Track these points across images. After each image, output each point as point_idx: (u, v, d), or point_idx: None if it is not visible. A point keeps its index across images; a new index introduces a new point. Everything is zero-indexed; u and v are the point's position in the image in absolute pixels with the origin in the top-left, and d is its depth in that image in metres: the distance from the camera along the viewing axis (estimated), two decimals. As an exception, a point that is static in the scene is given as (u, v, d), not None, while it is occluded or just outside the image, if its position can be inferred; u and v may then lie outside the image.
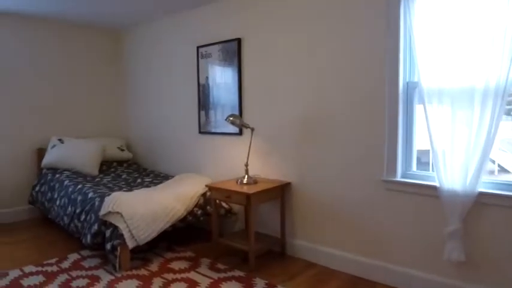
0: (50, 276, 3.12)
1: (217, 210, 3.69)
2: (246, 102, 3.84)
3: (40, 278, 3.09)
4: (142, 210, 3.30)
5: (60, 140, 4.57)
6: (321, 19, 3.19)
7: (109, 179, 4.28)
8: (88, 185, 3.91)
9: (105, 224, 3.25)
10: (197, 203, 3.71)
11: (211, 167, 4.27)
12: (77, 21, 4.83)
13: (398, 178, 2.87)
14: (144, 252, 3.62)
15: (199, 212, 3.72)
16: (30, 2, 4.02)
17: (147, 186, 4.03)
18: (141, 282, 3.01)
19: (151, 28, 4.86)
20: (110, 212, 3.21)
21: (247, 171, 3.56)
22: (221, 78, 4.04)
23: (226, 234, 3.73)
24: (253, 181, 3.49)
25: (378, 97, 2.91)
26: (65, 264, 3.36)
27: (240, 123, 3.57)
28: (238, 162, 3.95)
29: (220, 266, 3.34)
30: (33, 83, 4.65)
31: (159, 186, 3.94)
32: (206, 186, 3.58)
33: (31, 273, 3.18)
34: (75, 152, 4.43)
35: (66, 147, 4.48)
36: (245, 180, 3.49)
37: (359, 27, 2.98)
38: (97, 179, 4.25)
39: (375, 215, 3.00)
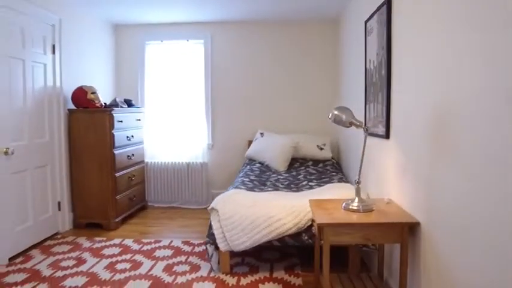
0: (175, 254, 3.43)
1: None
2: (395, 88, 2.60)
3: (168, 252, 3.48)
4: (243, 214, 2.98)
5: (261, 133, 4.78)
6: None
7: (282, 177, 4.07)
8: (248, 178, 3.92)
9: (214, 219, 3.20)
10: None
11: (365, 176, 3.25)
12: (290, 18, 4.86)
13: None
14: (265, 262, 3.25)
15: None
16: (255, 11, 4.51)
17: (299, 190, 3.55)
18: (210, 289, 2.79)
19: (351, 13, 4.14)
20: (212, 208, 3.13)
21: (358, 192, 2.45)
22: (378, 58, 2.92)
23: (346, 271, 2.73)
24: (363, 208, 2.36)
25: None
26: (198, 249, 3.57)
27: (346, 119, 2.47)
28: (383, 173, 2.78)
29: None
30: (249, 81, 5.12)
31: (294, 192, 3.39)
32: (310, 201, 2.75)
33: (170, 247, 3.60)
34: (268, 147, 4.50)
35: (263, 141, 4.64)
36: (354, 205, 2.42)
37: None
38: (273, 175, 4.15)
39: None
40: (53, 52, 3.82)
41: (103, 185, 4.05)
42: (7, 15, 3.21)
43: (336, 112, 2.52)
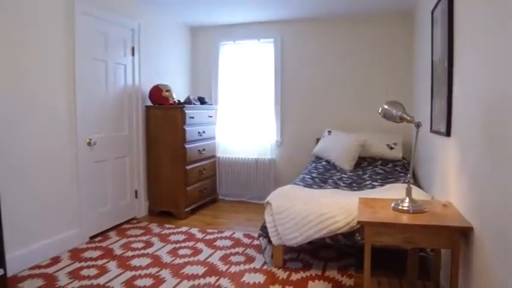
0: (234, 245, 3.57)
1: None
2: (456, 82, 2.37)
3: (228, 243, 3.63)
4: (295, 209, 2.99)
5: (329, 132, 4.68)
6: None
7: (346, 176, 3.94)
8: (310, 176, 3.88)
9: (270, 213, 3.24)
10: (371, 222, 2.79)
11: (430, 176, 3.01)
12: (360, 13, 4.71)
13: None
14: (319, 260, 3.20)
15: (374, 234, 2.78)
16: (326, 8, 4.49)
17: (361, 189, 3.43)
18: (258, 282, 2.84)
19: (421, 4, 3.80)
20: (267, 202, 3.18)
21: (408, 192, 2.29)
22: (441, 50, 2.68)
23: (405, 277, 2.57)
24: (413, 208, 2.21)
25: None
26: (257, 242, 3.63)
27: (397, 114, 2.31)
28: (445, 174, 2.57)
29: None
30: (318, 78, 5.06)
31: (352, 191, 3.27)
32: (359, 199, 2.63)
33: (231, 238, 3.75)
34: (334, 145, 4.40)
35: (330, 139, 4.55)
36: (404, 205, 2.28)
37: None
38: (337, 174, 4.04)
39: None
40: (132, 54, 4.22)
41: (175, 176, 4.37)
42: (92, 23, 3.65)
43: (385, 106, 2.39)
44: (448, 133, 2.49)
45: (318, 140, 4.95)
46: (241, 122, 5.35)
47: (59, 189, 3.35)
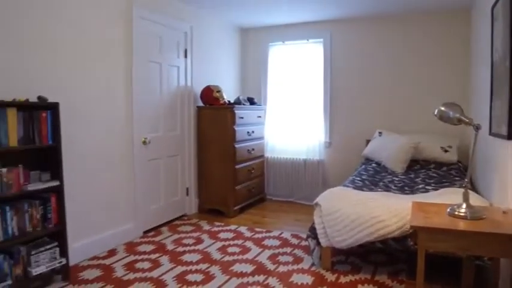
0: (282, 245, 3.60)
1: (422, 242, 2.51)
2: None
3: (276, 243, 3.67)
4: (345, 211, 2.96)
5: (380, 133, 4.56)
6: None
7: (397, 179, 3.82)
8: (360, 178, 3.81)
9: (317, 214, 3.23)
10: (424, 227, 2.69)
11: (489, 182, 2.85)
12: (414, 10, 4.53)
13: None
14: (369, 263, 3.15)
15: (427, 239, 2.68)
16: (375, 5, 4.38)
17: (413, 193, 3.31)
18: (306, 283, 2.85)
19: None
20: (316, 203, 3.16)
21: (465, 197, 2.19)
22: (503, 48, 2.53)
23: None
24: (470, 215, 2.12)
25: None
26: (305, 243, 3.63)
27: (454, 116, 2.21)
28: (506, 179, 2.43)
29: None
30: (368, 79, 4.97)
31: (404, 195, 3.17)
32: (413, 203, 2.54)
33: (279, 238, 3.79)
34: (385, 146, 4.29)
35: (380, 141, 4.44)
36: (460, 211, 2.19)
37: None
38: (388, 176, 3.93)
39: None
40: (185, 56, 4.37)
41: (224, 175, 4.47)
42: (148, 26, 3.82)
43: (442, 108, 2.30)
44: (509, 136, 2.35)
45: (367, 141, 4.83)
46: (290, 123, 5.36)
47: (117, 185, 3.55)
